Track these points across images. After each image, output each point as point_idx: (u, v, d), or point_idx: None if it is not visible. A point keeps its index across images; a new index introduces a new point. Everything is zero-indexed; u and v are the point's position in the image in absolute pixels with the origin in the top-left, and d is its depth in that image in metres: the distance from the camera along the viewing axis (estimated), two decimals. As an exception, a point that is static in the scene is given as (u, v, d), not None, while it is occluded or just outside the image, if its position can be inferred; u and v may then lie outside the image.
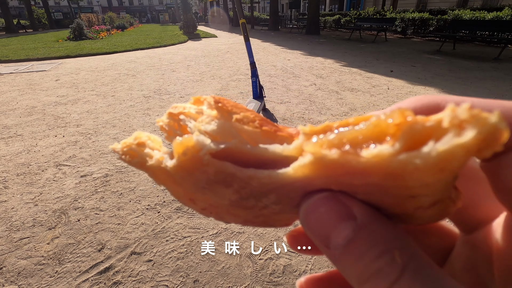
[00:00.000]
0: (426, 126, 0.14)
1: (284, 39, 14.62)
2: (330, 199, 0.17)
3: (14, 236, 1.92)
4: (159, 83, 5.95)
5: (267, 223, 0.22)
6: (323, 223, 0.17)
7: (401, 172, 0.14)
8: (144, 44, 12.84)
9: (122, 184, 2.48)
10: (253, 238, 1.88)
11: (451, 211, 0.18)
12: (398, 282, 0.15)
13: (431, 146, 0.13)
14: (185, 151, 0.18)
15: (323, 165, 0.15)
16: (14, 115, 4.23)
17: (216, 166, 0.17)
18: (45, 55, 9.96)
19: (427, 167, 0.13)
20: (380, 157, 0.14)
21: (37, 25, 31.59)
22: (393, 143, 0.14)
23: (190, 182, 0.19)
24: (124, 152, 0.21)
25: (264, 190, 0.18)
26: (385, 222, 0.17)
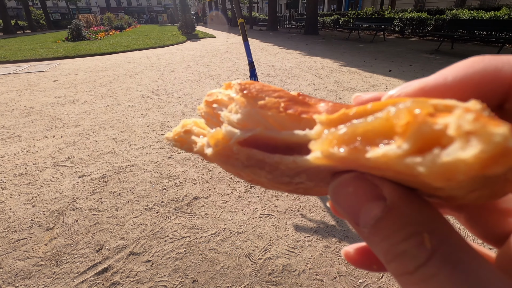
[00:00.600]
0: (433, 129, 0.13)
1: (283, 39, 14.62)
2: (358, 179, 0.17)
3: (11, 237, 1.90)
4: (157, 84, 5.94)
5: (309, 192, 0.23)
6: (352, 202, 0.17)
7: (411, 173, 0.13)
8: (143, 44, 12.82)
9: (120, 185, 2.47)
10: (252, 238, 1.88)
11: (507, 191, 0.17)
12: (426, 266, 0.14)
13: (435, 155, 0.12)
14: (216, 143, 0.20)
15: (335, 159, 0.15)
16: (11, 116, 4.21)
17: (245, 154, 0.19)
18: (43, 56, 9.92)
19: (431, 176, 0.12)
20: (386, 158, 0.13)
21: (35, 26, 31.50)
22: (400, 144, 0.13)
23: (230, 165, 0.20)
24: (175, 139, 0.24)
25: (293, 172, 0.19)
26: (417, 203, 0.16)
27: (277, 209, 2.14)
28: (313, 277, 1.61)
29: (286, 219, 2.04)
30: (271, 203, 2.20)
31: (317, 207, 2.16)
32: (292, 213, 2.10)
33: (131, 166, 2.76)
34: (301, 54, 9.47)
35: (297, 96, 0.20)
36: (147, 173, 2.64)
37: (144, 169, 2.70)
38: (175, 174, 2.61)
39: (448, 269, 0.14)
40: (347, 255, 0.25)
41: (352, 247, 0.25)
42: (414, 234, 0.15)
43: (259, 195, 2.30)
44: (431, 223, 0.16)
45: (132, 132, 3.52)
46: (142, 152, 3.03)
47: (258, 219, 2.05)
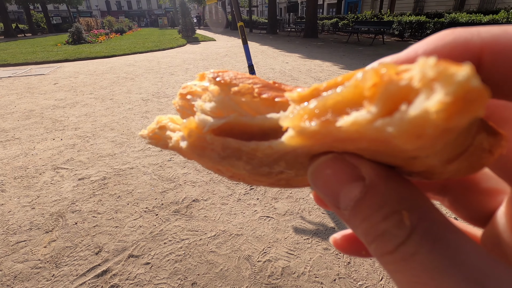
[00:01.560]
0: (400, 85, 0.12)
1: (282, 42, 14.69)
2: (335, 160, 0.17)
3: (10, 240, 1.90)
4: (157, 86, 5.96)
5: (291, 184, 0.22)
6: (331, 185, 0.17)
7: (383, 139, 0.13)
8: (143, 47, 12.87)
9: (120, 187, 2.47)
10: (252, 240, 1.88)
11: (486, 163, 0.16)
12: (405, 244, 0.14)
13: (403, 112, 0.12)
14: (189, 133, 0.19)
15: (308, 136, 0.15)
16: (12, 118, 4.22)
17: (220, 143, 0.18)
18: (44, 59, 9.97)
19: (402, 135, 0.12)
20: (357, 125, 0.13)
21: (36, 29, 31.66)
22: (369, 108, 0.13)
23: (207, 158, 0.20)
24: (150, 137, 0.23)
25: (271, 159, 0.18)
26: (396, 182, 0.16)
27: (277, 212, 2.14)
28: (312, 280, 1.61)
29: (285, 222, 2.04)
30: (271, 206, 2.20)
31: (317, 209, 2.16)
32: (291, 215, 2.10)
33: (131, 168, 2.76)
34: (300, 57, 9.51)
35: (272, 83, 0.20)
36: (146, 175, 2.64)
37: (143, 172, 2.70)
38: (174, 177, 2.61)
39: (428, 246, 0.14)
40: (335, 242, 0.25)
41: (340, 233, 0.25)
42: (393, 213, 0.15)
43: (259, 197, 2.30)
44: (410, 200, 0.15)
45: (132, 135, 3.53)
46: (142, 154, 3.04)
47: (257, 221, 2.05)
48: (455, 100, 0.10)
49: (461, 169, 0.16)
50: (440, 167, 0.15)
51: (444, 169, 0.16)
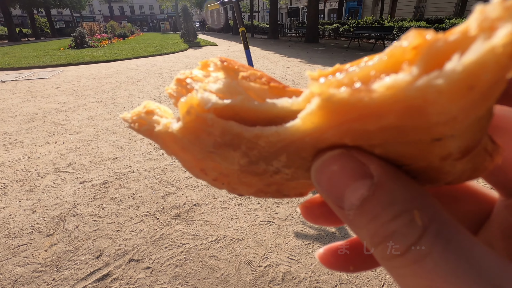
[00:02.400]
0: (449, 41, 0.11)
1: (284, 47, 14.78)
2: (343, 156, 0.16)
3: (11, 243, 1.90)
4: (159, 91, 5.99)
5: (281, 192, 0.21)
6: (336, 182, 0.16)
7: (422, 103, 0.12)
8: (145, 52, 12.97)
9: (121, 191, 2.47)
10: (253, 245, 1.87)
11: (488, 167, 0.16)
12: (418, 244, 0.13)
13: (456, 60, 0.11)
14: (188, 109, 0.17)
15: (332, 108, 0.14)
16: (14, 122, 4.25)
17: (221, 126, 0.16)
18: (47, 63, 10.05)
19: (452, 87, 0.11)
20: (395, 88, 0.12)
21: (39, 34, 31.98)
22: (409, 69, 0.12)
23: (198, 147, 0.18)
24: (133, 120, 0.21)
25: (273, 150, 0.17)
26: (405, 180, 0.15)
27: (278, 216, 2.13)
28: (313, 285, 1.60)
29: (286, 226, 2.04)
30: (272, 210, 2.20)
31: (318, 214, 2.16)
32: (292, 220, 2.10)
33: (132, 172, 2.77)
34: (301, 62, 9.55)
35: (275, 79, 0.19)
36: (148, 179, 2.64)
37: (145, 176, 2.70)
38: (176, 181, 2.62)
39: (441, 247, 0.13)
40: (321, 257, 0.23)
41: (325, 248, 0.24)
42: (404, 212, 0.14)
43: (260, 202, 2.30)
44: (420, 199, 0.15)
45: (134, 139, 3.54)
46: (143, 158, 3.04)
47: (258, 226, 2.05)
48: None
49: (466, 170, 0.16)
50: (451, 163, 0.15)
51: (453, 167, 0.15)
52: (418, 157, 0.15)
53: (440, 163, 0.15)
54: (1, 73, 8.62)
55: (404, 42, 0.13)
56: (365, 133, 0.14)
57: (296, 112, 0.16)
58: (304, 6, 36.09)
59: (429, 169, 0.16)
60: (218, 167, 0.19)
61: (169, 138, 0.19)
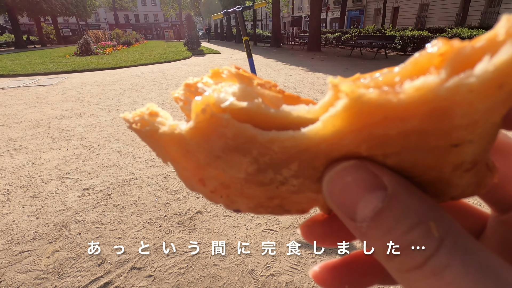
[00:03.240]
0: (476, 47, 0.12)
1: (286, 56, 14.91)
2: (357, 167, 0.16)
3: (14, 249, 1.91)
4: (163, 98, 6.05)
5: (283, 207, 0.20)
6: (349, 193, 0.16)
7: (450, 104, 0.12)
8: (149, 59, 13.13)
9: (124, 198, 2.48)
10: (255, 254, 1.86)
11: (488, 183, 0.17)
12: (436, 256, 0.13)
13: (487, 61, 0.12)
14: (204, 107, 0.16)
15: (359, 110, 0.14)
16: (19, 128, 4.29)
17: (235, 128, 0.16)
18: (52, 69, 10.19)
19: (484, 85, 0.12)
20: (425, 89, 0.12)
21: (45, 41, 32.51)
22: (438, 72, 0.13)
23: (205, 150, 0.17)
24: (135, 120, 0.20)
25: (286, 156, 0.16)
26: (418, 192, 0.16)
27: (280, 225, 2.13)
28: (316, 296, 1.58)
29: (289, 235, 2.03)
30: (274, 219, 2.19)
31: (321, 223, 2.15)
32: (295, 228, 2.09)
33: (135, 179, 2.78)
34: (304, 70, 9.63)
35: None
36: (150, 186, 2.65)
37: (148, 183, 2.71)
38: (178, 188, 2.62)
39: (459, 258, 0.13)
40: (316, 276, 0.23)
41: (321, 266, 0.23)
42: (420, 223, 0.14)
43: (262, 210, 2.30)
44: (434, 211, 0.15)
45: (137, 145, 3.56)
46: (146, 165, 3.06)
47: (261, 234, 2.04)
48: None
49: (470, 185, 0.17)
50: (460, 175, 0.16)
51: (460, 180, 0.16)
52: (431, 166, 0.15)
53: (451, 174, 0.16)
54: (8, 80, 8.75)
55: (431, 48, 0.13)
56: (384, 139, 0.14)
57: (312, 121, 0.16)
58: (307, 15, 36.53)
59: (438, 181, 0.16)
60: (221, 176, 0.19)
61: (173, 141, 0.18)
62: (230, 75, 0.18)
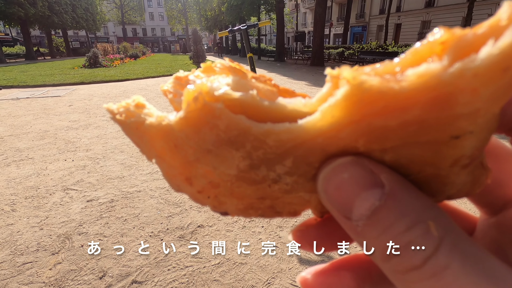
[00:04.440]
0: (478, 33, 0.12)
1: (290, 70, 15.13)
2: (354, 164, 0.15)
3: (17, 261, 1.92)
4: (167, 110, 6.08)
5: (274, 208, 0.20)
6: (345, 191, 0.15)
7: (453, 90, 0.12)
8: (155, 72, 13.40)
9: (127, 210, 2.50)
10: (256, 269, 1.86)
11: (483, 182, 0.17)
12: (435, 256, 0.13)
13: (491, 45, 0.11)
14: (197, 95, 0.15)
15: (360, 98, 0.13)
16: (27, 138, 4.37)
17: (228, 119, 0.15)
18: (61, 81, 10.44)
19: (489, 69, 0.11)
20: (428, 75, 0.12)
21: (55, 53, 33.41)
22: (440, 59, 0.12)
23: (194, 143, 0.16)
24: (120, 112, 0.19)
25: (281, 151, 0.16)
26: (416, 190, 0.15)
27: (281, 240, 2.13)
28: (317, 314, 1.57)
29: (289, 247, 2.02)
30: (275, 234, 2.20)
31: (322, 239, 2.15)
32: (296, 244, 2.08)
33: (138, 191, 2.81)
34: (307, 85, 9.75)
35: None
36: (153, 199, 2.68)
37: (150, 195, 2.74)
38: (181, 201, 2.64)
39: (459, 259, 0.13)
40: (304, 282, 0.21)
41: (310, 272, 0.22)
42: (418, 223, 0.14)
43: (264, 225, 2.30)
44: (432, 210, 0.14)
45: (141, 158, 3.61)
46: (149, 178, 3.09)
47: (261, 249, 2.04)
48: None
49: (466, 183, 0.17)
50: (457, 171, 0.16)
51: (457, 177, 0.16)
52: (429, 162, 0.15)
53: (448, 171, 0.15)
54: (17, 91, 8.96)
55: (432, 37, 0.13)
56: (383, 131, 0.14)
57: (308, 114, 0.16)
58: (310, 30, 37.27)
59: (435, 178, 0.16)
60: (210, 173, 0.18)
61: (160, 134, 0.17)
62: (224, 68, 0.18)
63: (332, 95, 0.15)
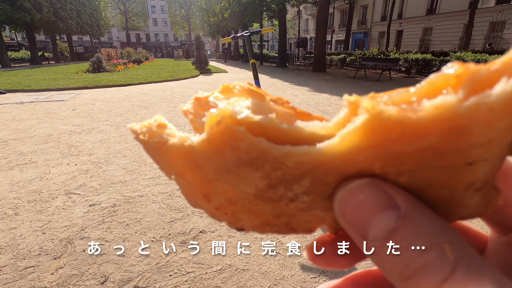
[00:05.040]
0: (491, 70, 0.13)
1: (292, 76, 15.21)
2: (370, 186, 0.16)
3: (19, 265, 1.92)
4: (170, 115, 6.18)
5: (290, 225, 0.20)
6: (362, 212, 0.16)
7: (469, 122, 0.13)
8: (158, 77, 13.49)
9: (129, 215, 2.50)
10: (258, 276, 1.85)
11: (495, 203, 0.18)
12: (451, 279, 0.13)
13: (505, 82, 0.12)
14: (220, 119, 0.16)
15: (378, 126, 0.14)
16: (30, 142, 4.40)
17: (249, 141, 0.16)
18: (65, 85, 10.53)
19: (504, 104, 0.12)
20: (444, 107, 0.13)
21: (59, 58, 33.79)
22: (456, 92, 0.13)
23: (215, 163, 0.17)
24: (143, 131, 0.20)
25: (299, 172, 0.16)
26: (430, 213, 0.16)
27: (283, 247, 2.12)
28: (319, 322, 1.56)
29: (292, 258, 2.01)
30: (278, 241, 2.19)
31: (324, 246, 2.14)
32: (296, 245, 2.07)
33: (141, 196, 2.81)
34: (309, 91, 9.79)
35: None
36: (155, 204, 2.68)
37: (153, 200, 2.74)
38: (183, 206, 2.64)
39: (475, 282, 0.13)
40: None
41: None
42: (435, 245, 0.14)
43: (266, 231, 2.29)
44: (447, 232, 0.15)
45: (144, 163, 3.62)
46: (152, 182, 3.10)
47: (264, 256, 2.03)
48: None
49: (479, 205, 0.17)
50: (471, 194, 0.16)
51: (470, 199, 0.17)
52: (444, 185, 0.16)
53: (462, 193, 0.16)
54: (22, 95, 9.05)
55: (448, 70, 0.14)
56: (400, 156, 0.15)
57: (325, 137, 0.16)
58: (312, 36, 37.50)
59: (449, 200, 0.17)
60: (229, 191, 0.18)
61: (181, 153, 0.18)
62: (242, 91, 0.19)
63: (350, 121, 0.16)
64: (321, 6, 16.71)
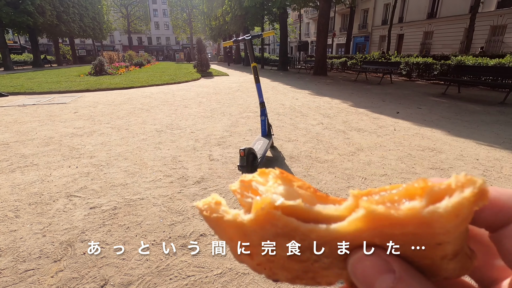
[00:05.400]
0: (441, 188, 0.19)
1: (293, 79, 15.24)
2: (373, 254, 0.21)
3: (19, 268, 1.92)
4: (171, 118, 6.19)
5: (315, 279, 0.25)
6: (368, 274, 0.21)
7: (430, 220, 0.18)
8: (160, 80, 13.54)
9: (129, 218, 2.50)
10: (258, 280, 1.84)
11: (470, 267, 0.23)
12: None
13: (447, 200, 0.18)
14: (263, 206, 0.22)
15: (372, 217, 0.20)
16: (32, 145, 4.42)
17: (284, 220, 0.22)
18: (67, 88, 10.58)
19: (447, 214, 0.18)
20: (413, 210, 0.19)
21: (61, 60, 33.96)
22: (420, 200, 0.19)
23: (259, 235, 0.23)
24: (205, 208, 0.25)
25: (320, 242, 0.22)
26: (419, 275, 0.21)
27: (284, 251, 2.10)
28: (320, 327, 1.54)
29: (293, 262, 2.00)
30: (278, 244, 2.17)
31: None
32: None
33: (141, 199, 2.81)
34: (310, 94, 9.80)
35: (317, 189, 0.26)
36: (156, 207, 2.67)
37: (153, 203, 2.74)
38: (183, 209, 2.64)
39: None
40: None
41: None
42: None
43: (266, 234, 2.28)
44: None
45: (144, 165, 3.63)
46: (152, 185, 3.10)
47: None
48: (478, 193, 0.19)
49: (456, 268, 0.22)
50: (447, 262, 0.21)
51: (447, 265, 0.22)
52: (425, 256, 0.21)
53: (440, 262, 0.21)
54: (24, 97, 9.09)
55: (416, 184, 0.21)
56: (391, 236, 0.21)
57: (338, 217, 0.22)
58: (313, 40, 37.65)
59: (432, 266, 0.22)
60: (268, 253, 0.24)
61: (234, 226, 0.24)
62: (276, 177, 0.25)
63: (355, 211, 0.21)
64: (322, 10, 16.80)
